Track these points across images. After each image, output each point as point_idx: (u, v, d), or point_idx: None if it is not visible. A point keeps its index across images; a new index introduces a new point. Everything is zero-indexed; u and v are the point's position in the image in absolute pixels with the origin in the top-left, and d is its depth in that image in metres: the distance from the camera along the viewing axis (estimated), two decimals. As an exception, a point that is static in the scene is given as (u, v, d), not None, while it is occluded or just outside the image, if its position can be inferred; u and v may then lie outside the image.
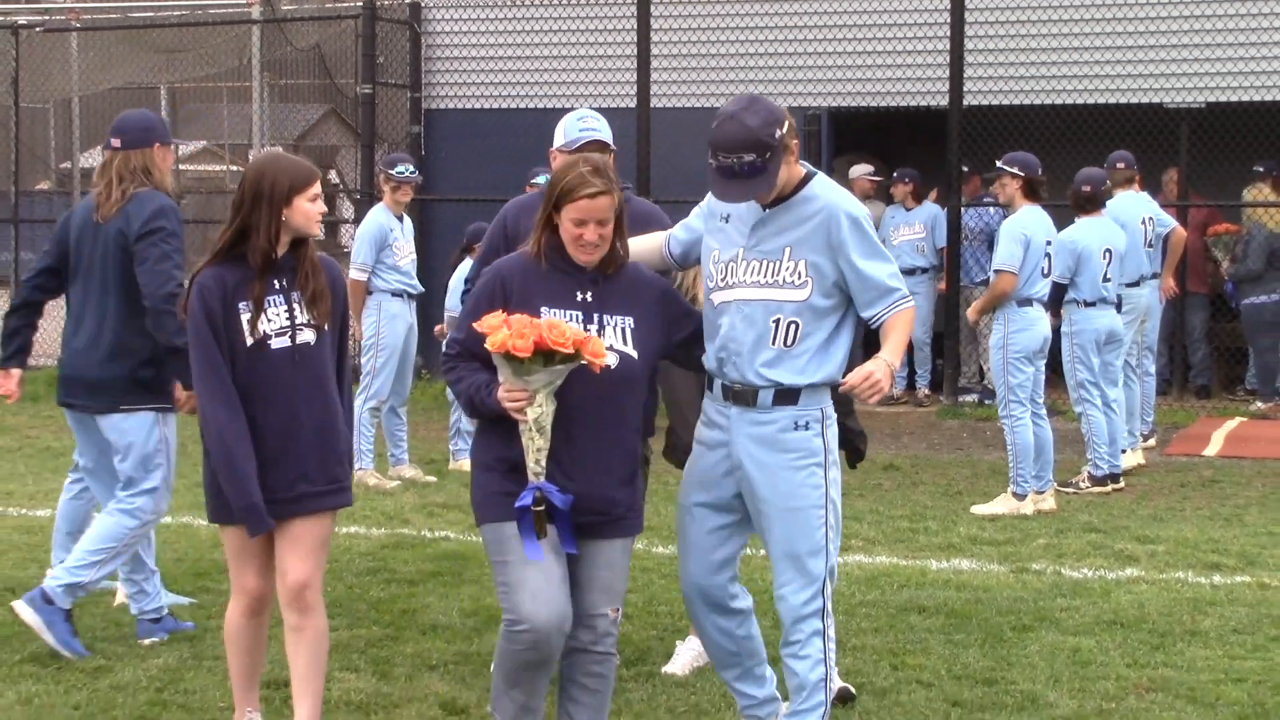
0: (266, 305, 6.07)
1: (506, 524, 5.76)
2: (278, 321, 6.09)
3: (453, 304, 12.70)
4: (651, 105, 16.75)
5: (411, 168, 13.03)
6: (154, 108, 21.43)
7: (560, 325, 5.56)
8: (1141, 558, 10.05)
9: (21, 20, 20.79)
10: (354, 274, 12.61)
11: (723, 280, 5.97)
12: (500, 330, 5.52)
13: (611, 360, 5.72)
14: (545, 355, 5.51)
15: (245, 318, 6.05)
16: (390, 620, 8.48)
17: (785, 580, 6.01)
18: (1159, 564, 9.88)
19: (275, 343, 6.07)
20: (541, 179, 10.30)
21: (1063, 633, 8.25)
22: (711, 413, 6.09)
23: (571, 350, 5.52)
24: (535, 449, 5.63)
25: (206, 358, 6.02)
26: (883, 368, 5.70)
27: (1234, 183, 17.18)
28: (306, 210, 6.09)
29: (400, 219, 12.88)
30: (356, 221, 16.48)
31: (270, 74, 20.39)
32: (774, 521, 5.98)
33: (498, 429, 5.78)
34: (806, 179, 5.95)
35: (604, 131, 6.97)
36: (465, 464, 13.14)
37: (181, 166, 23.12)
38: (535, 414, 5.59)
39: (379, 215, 12.79)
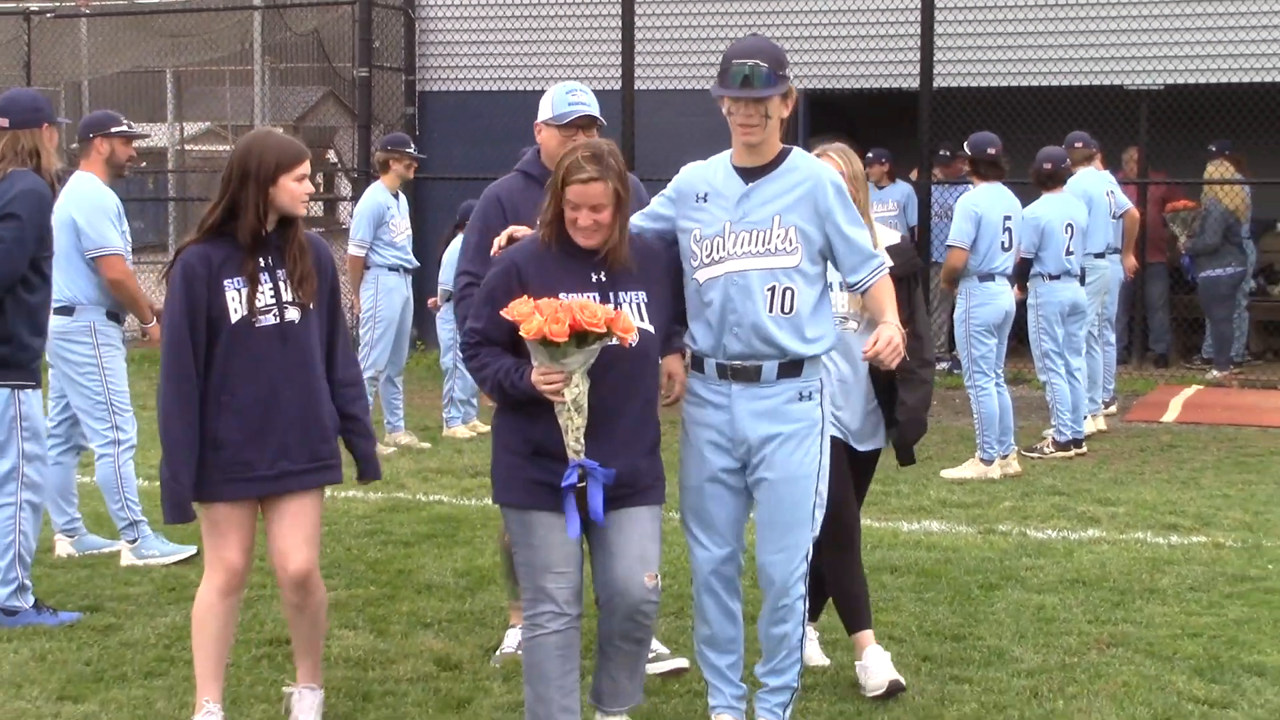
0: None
1: (534, 513, 5.75)
2: (263, 299, 5.94)
3: (445, 278, 12.93)
4: (636, 87, 16.83)
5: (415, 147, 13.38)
6: (160, 90, 21.60)
7: (590, 305, 5.51)
8: (1103, 519, 10.23)
9: (33, 6, 20.73)
10: (353, 250, 12.76)
11: (709, 257, 5.90)
12: (533, 317, 5.45)
13: (632, 338, 5.69)
14: (579, 336, 5.48)
15: (230, 295, 5.90)
16: (387, 580, 8.63)
17: (780, 548, 6.02)
18: (1119, 525, 10.07)
19: (261, 320, 5.93)
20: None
21: (1028, 591, 8.40)
22: (704, 393, 6.03)
23: (604, 329, 5.49)
24: (575, 428, 5.60)
25: (175, 339, 5.90)
26: (897, 332, 5.79)
27: (1191, 161, 17.35)
28: (292, 190, 5.92)
29: (396, 196, 12.97)
30: (354, 199, 16.60)
31: (271, 58, 20.28)
32: (772, 491, 5.99)
33: (521, 411, 5.73)
34: (785, 152, 6.00)
35: (593, 105, 6.81)
36: (458, 431, 13.47)
37: (187, 147, 23.23)
38: (573, 394, 5.56)
39: (377, 193, 12.88)
